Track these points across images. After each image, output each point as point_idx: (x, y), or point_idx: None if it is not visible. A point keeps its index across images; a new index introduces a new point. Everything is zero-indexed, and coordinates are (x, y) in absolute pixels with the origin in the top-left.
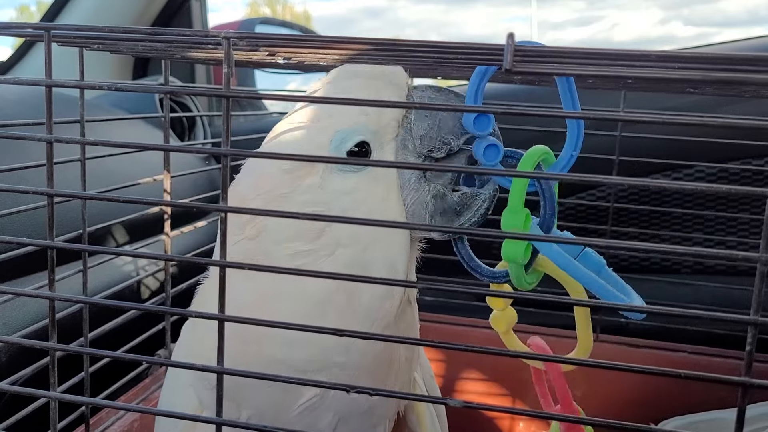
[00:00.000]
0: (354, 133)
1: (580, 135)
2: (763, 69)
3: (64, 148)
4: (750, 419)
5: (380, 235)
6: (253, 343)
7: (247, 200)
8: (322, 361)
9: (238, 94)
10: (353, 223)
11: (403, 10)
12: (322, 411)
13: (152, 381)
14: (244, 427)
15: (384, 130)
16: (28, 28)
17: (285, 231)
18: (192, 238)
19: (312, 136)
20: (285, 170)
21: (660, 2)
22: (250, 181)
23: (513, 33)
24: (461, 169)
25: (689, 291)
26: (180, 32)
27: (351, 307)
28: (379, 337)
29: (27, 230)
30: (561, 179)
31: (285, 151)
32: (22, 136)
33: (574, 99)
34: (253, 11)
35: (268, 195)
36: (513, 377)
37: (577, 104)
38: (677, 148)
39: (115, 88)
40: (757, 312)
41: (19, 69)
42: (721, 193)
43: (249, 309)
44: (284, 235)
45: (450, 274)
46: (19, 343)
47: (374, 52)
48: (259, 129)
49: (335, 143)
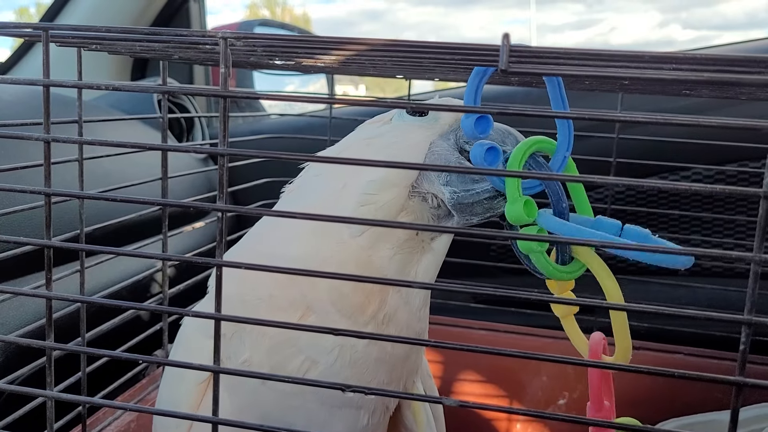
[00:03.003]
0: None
1: (570, 135)
2: (756, 70)
3: (61, 151)
4: (745, 421)
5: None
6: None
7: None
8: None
9: (235, 94)
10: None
11: (402, 13)
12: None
13: (149, 381)
14: (241, 426)
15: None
16: (27, 27)
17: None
18: (191, 240)
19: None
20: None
21: (658, 5)
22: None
23: (508, 33)
24: (455, 170)
25: (686, 293)
26: (177, 32)
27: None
28: (377, 336)
29: (25, 231)
30: (557, 179)
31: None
32: (19, 136)
33: (563, 99)
34: (252, 13)
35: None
36: (511, 379)
37: (567, 105)
38: (674, 151)
39: (113, 87)
40: (751, 312)
41: (17, 71)
42: (716, 194)
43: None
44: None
45: (449, 276)
46: (16, 342)
47: (371, 53)
48: (257, 131)
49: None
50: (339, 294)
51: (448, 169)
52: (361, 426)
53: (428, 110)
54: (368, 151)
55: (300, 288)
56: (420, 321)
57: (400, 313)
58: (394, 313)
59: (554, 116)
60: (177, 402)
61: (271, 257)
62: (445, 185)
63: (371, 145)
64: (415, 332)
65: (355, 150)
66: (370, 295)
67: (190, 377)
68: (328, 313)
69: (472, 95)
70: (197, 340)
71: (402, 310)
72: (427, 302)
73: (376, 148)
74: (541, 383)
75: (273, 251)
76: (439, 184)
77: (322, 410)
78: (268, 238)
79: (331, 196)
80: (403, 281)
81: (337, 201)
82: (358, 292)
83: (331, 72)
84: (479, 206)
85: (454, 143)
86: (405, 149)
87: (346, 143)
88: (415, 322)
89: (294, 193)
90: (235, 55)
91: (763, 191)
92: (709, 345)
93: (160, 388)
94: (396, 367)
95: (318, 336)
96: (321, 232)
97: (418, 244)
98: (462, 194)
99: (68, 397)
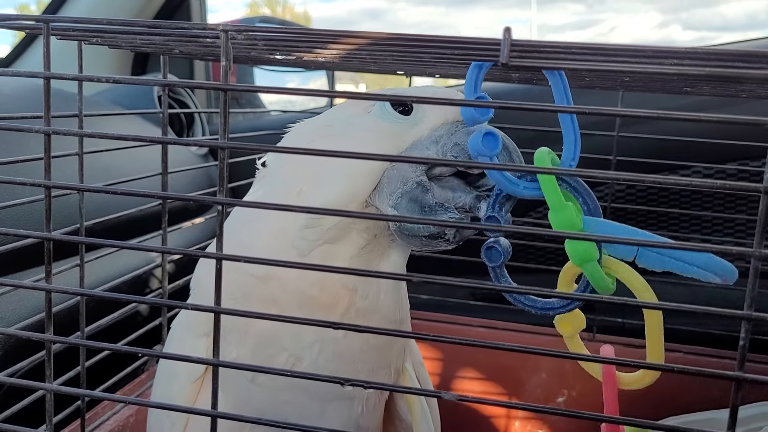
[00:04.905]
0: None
1: (577, 147)
2: (758, 65)
3: (61, 146)
4: (744, 419)
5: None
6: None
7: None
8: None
9: (236, 88)
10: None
11: (402, 12)
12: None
13: (148, 377)
14: (240, 419)
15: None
16: (28, 20)
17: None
18: (191, 236)
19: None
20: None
21: (659, 6)
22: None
23: (510, 27)
24: (449, 163)
25: (686, 291)
26: (178, 25)
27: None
28: (375, 330)
29: (25, 226)
30: (557, 173)
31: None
32: (19, 128)
33: (567, 97)
34: (253, 11)
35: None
36: (509, 377)
37: (571, 102)
38: (674, 149)
39: (113, 80)
40: (750, 307)
41: (17, 66)
42: (716, 189)
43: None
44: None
45: (445, 273)
46: (15, 334)
47: (372, 48)
48: (257, 127)
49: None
50: (307, 297)
51: (441, 162)
52: (355, 415)
53: (412, 107)
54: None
55: (270, 290)
56: (399, 311)
57: (371, 314)
58: (365, 313)
59: (554, 110)
60: (171, 401)
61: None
62: (393, 207)
63: (336, 142)
64: (394, 322)
65: (321, 144)
66: (337, 297)
67: (183, 376)
68: (297, 314)
69: (473, 84)
70: (187, 341)
71: (373, 311)
72: (399, 296)
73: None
74: (540, 380)
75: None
76: (388, 204)
77: (314, 404)
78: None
79: (286, 202)
80: (401, 275)
81: (287, 214)
82: (324, 294)
83: (332, 68)
84: (416, 240)
85: (433, 154)
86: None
87: (318, 127)
88: (392, 313)
89: (259, 186)
90: (236, 49)
91: (763, 186)
92: (708, 344)
93: (154, 387)
94: (383, 354)
95: (298, 333)
96: (280, 240)
97: (377, 247)
98: (405, 223)
99: (67, 390)
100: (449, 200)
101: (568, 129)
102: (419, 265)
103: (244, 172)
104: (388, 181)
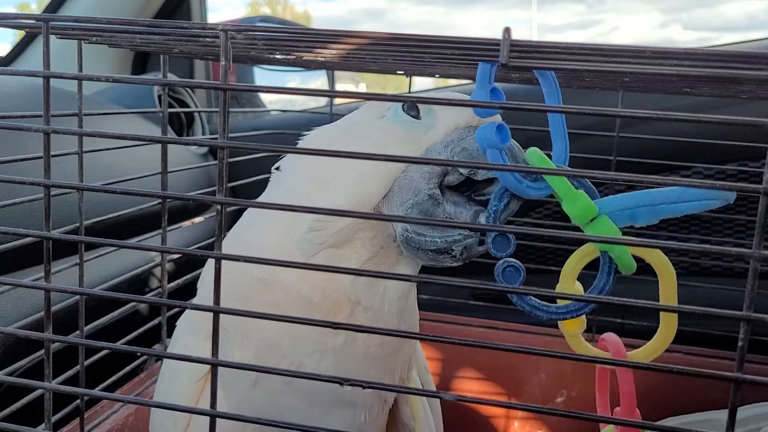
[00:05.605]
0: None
1: (565, 135)
2: (758, 66)
3: (61, 145)
4: (744, 420)
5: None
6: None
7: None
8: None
9: (235, 87)
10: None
11: (403, 12)
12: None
13: (148, 376)
14: (238, 419)
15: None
16: (28, 19)
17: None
18: (190, 236)
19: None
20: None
21: (659, 6)
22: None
23: (509, 28)
24: (455, 164)
25: (685, 292)
26: (178, 24)
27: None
28: (375, 330)
29: (24, 225)
30: (560, 174)
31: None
32: (19, 127)
33: (558, 97)
34: (253, 11)
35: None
36: (509, 377)
37: (560, 101)
38: (674, 150)
39: (113, 79)
40: (749, 308)
41: (17, 66)
42: (716, 189)
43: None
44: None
45: (446, 273)
46: (14, 333)
47: (372, 48)
48: (257, 127)
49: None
50: (308, 302)
51: (444, 163)
52: (359, 423)
53: (419, 111)
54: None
55: (272, 293)
56: (403, 326)
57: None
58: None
59: (555, 111)
60: (174, 400)
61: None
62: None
63: (350, 145)
64: (404, 327)
65: (335, 147)
66: (338, 305)
67: (186, 376)
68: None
69: (486, 79)
70: (191, 342)
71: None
72: (405, 310)
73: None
74: (539, 381)
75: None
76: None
77: (315, 410)
78: (245, 234)
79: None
80: (402, 275)
81: (294, 216)
82: (326, 301)
83: (332, 68)
84: (423, 254)
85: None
86: (378, 165)
87: (333, 132)
88: (396, 327)
89: (273, 189)
90: (235, 49)
91: (763, 187)
92: (707, 344)
93: (157, 387)
94: (387, 361)
95: (298, 341)
96: (286, 241)
97: (383, 260)
98: (412, 235)
99: (66, 389)
100: (452, 215)
101: (558, 129)
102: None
103: (243, 172)
104: (399, 190)
